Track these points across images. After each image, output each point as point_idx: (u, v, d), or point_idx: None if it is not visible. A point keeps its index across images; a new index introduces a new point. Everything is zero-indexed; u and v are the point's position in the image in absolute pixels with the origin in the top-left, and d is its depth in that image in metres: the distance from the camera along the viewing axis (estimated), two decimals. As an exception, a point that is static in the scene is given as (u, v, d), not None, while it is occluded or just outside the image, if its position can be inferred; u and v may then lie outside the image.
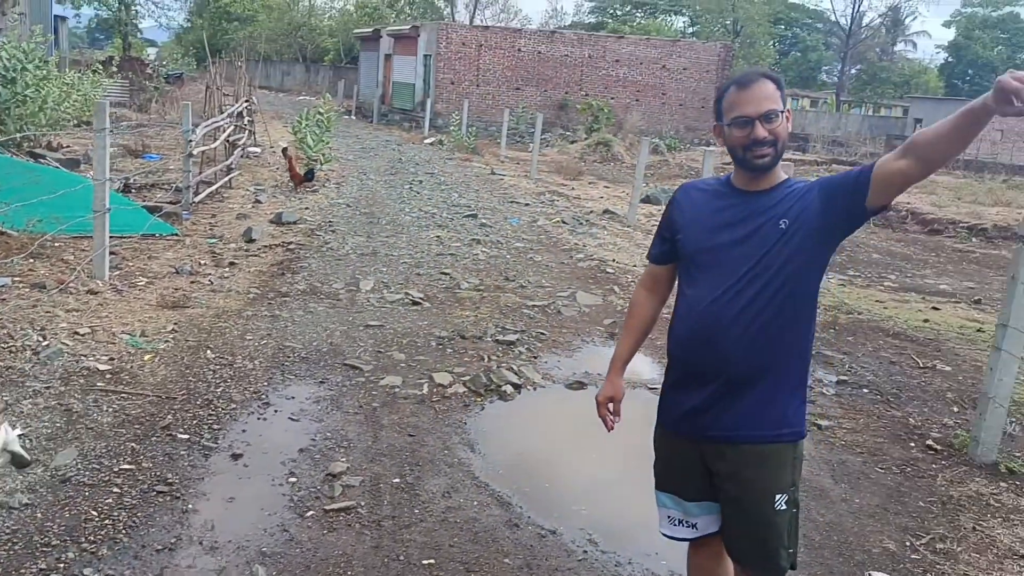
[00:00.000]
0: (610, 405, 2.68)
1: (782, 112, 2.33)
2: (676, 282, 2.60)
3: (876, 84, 59.77)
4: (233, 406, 4.77)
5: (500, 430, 4.85)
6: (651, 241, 2.69)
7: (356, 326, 6.38)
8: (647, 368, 6.02)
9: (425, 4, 61.96)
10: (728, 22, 50.54)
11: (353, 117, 34.71)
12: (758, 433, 2.39)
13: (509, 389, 5.33)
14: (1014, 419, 5.33)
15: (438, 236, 10.14)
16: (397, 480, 4.06)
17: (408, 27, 33.46)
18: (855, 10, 61.53)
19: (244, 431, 4.48)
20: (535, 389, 5.47)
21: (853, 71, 63.89)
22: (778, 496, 2.37)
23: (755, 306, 2.33)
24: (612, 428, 2.71)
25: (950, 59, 68.25)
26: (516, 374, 5.57)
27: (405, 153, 21.00)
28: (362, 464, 4.20)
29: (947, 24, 71.68)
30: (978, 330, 7.85)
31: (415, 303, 7.12)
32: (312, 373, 5.38)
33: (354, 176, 15.43)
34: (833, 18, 64.41)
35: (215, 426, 4.48)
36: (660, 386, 2.64)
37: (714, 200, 2.46)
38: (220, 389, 4.98)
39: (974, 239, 14.89)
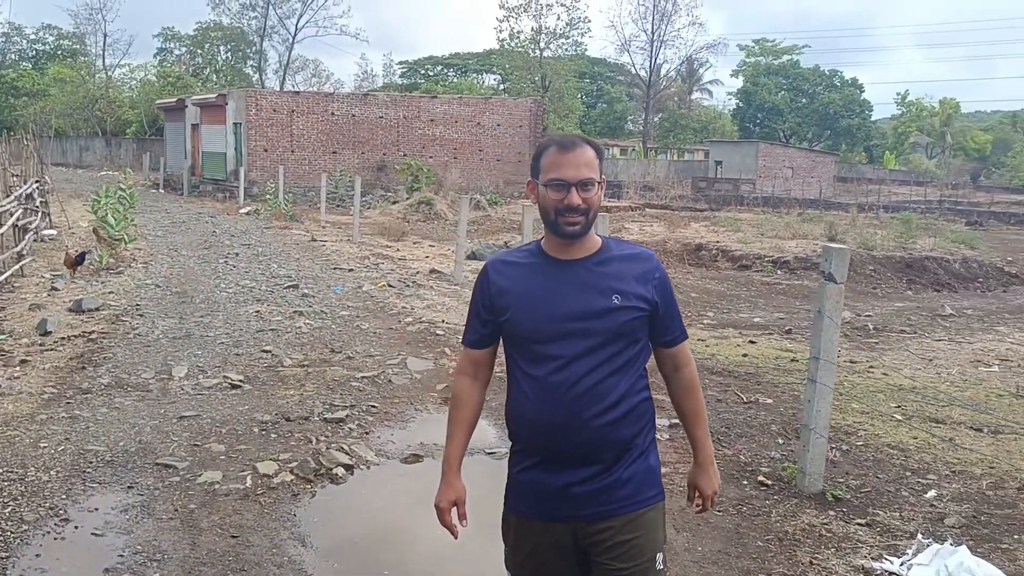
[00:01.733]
0: (454, 510, 2.48)
1: (598, 182, 2.29)
2: (506, 363, 2.44)
3: (678, 131, 63.63)
4: (24, 527, 4.21)
5: (334, 518, 4.54)
6: (465, 327, 2.52)
7: (169, 419, 5.88)
8: (483, 433, 5.87)
9: (232, 72, 60.76)
10: (537, 78, 52.36)
11: (162, 191, 33.10)
12: (641, 499, 2.34)
13: (341, 471, 5.03)
14: (834, 445, 5.57)
15: (257, 311, 9.66)
16: (220, 591, 3.68)
17: (215, 96, 32.53)
18: (652, 63, 65.39)
19: (38, 555, 3.95)
20: (369, 468, 5.20)
21: (656, 119, 67.75)
22: (658, 556, 2.36)
23: (611, 379, 2.27)
24: (458, 536, 2.52)
25: (741, 104, 73.81)
26: (347, 454, 5.28)
27: (220, 225, 20.15)
28: (179, 577, 3.78)
29: (735, 73, 77.65)
30: (792, 360, 8.24)
31: (234, 386, 6.67)
32: (119, 478, 4.87)
33: (163, 254, 14.58)
34: (634, 71, 68.13)
35: (1, 554, 3.93)
36: (507, 465, 2.46)
37: (534, 273, 2.35)
38: (9, 509, 4.39)
39: (778, 271, 15.86)
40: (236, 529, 4.28)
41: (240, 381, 6.81)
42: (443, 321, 9.50)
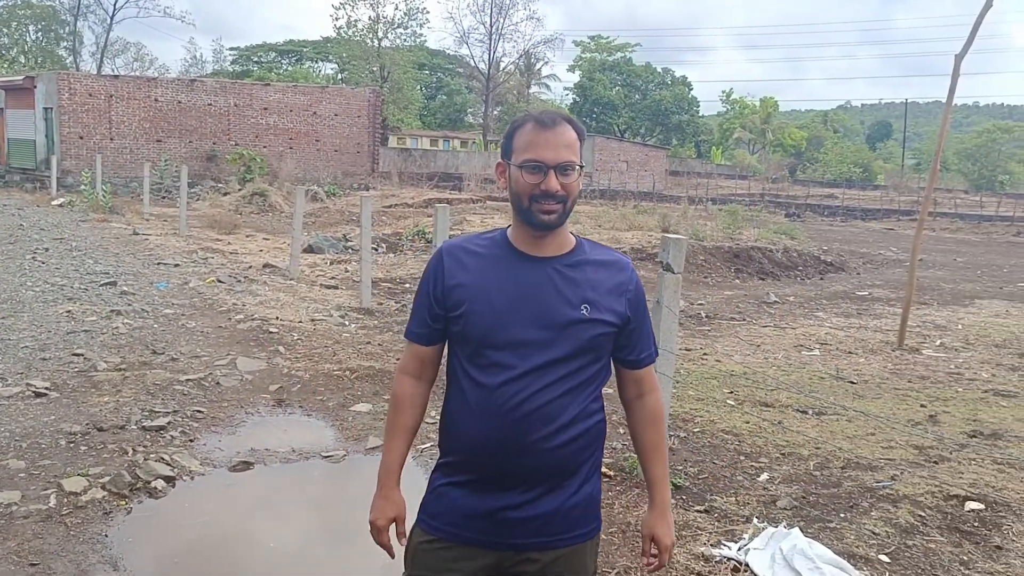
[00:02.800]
0: (393, 527, 2.18)
1: (579, 167, 2.04)
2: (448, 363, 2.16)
3: (517, 124, 64.30)
4: None
5: (152, 536, 4.15)
6: (411, 317, 2.19)
7: (-41, 434, 5.23)
8: (319, 434, 5.59)
9: (43, 52, 56.49)
10: (375, 68, 51.61)
11: (-38, 180, 30.23)
12: (579, 533, 2.10)
13: (160, 484, 4.61)
14: (673, 433, 5.65)
15: (69, 311, 8.86)
16: (15, 628, 3.25)
17: (22, 78, 30.02)
18: (491, 56, 65.86)
19: None
20: (192, 479, 4.80)
21: (496, 112, 68.31)
22: None
23: (566, 397, 2.01)
24: (394, 556, 2.21)
25: (578, 99, 75.62)
26: (169, 464, 4.85)
27: (28, 218, 18.55)
28: (-34, 616, 3.32)
29: (571, 69, 79.54)
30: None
31: (39, 395, 6.03)
32: None
33: (-39, 249, 13.22)
34: (473, 63, 68.41)
35: None
36: (429, 480, 2.17)
37: (496, 267, 2.06)
38: None
39: (615, 261, 16.24)
40: (36, 556, 3.81)
41: (46, 388, 6.17)
42: (277, 318, 9.05)
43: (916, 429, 6.07)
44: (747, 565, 3.75)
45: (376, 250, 15.23)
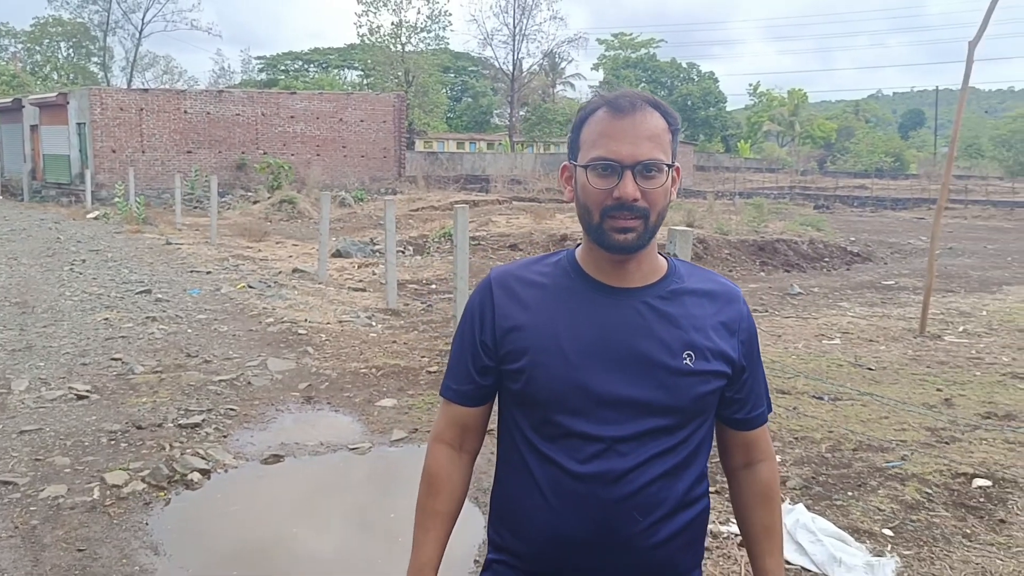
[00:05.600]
0: None
1: (670, 168, 1.54)
2: (505, 434, 1.69)
3: (543, 124, 64.59)
4: None
5: (189, 524, 4.40)
6: (448, 370, 1.71)
7: (7, 434, 5.53)
8: (341, 428, 5.82)
9: (75, 69, 57.60)
10: (400, 73, 52.04)
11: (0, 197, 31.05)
12: None
13: (196, 476, 4.87)
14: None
15: (106, 318, 9.20)
16: (65, 608, 3.50)
17: (55, 95, 30.74)
18: (515, 57, 66.09)
19: None
20: (227, 471, 5.05)
21: (521, 113, 68.53)
22: None
23: (669, 477, 1.56)
24: None
25: (602, 98, 75.52)
26: (204, 458, 5.11)
27: (65, 231, 19.06)
28: (19, 598, 3.58)
29: (595, 67, 79.58)
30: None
31: (80, 397, 6.34)
32: (-49, 499, 4.55)
33: (1, 263, 13.67)
34: (497, 65, 68.72)
35: None
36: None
37: (567, 302, 1.58)
38: None
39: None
40: (83, 542, 4.07)
41: (87, 391, 6.47)
42: (305, 320, 9.32)
43: (930, 412, 6.17)
44: (753, 540, 3.90)
45: (403, 253, 15.50)
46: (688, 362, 1.54)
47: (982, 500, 4.46)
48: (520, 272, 1.64)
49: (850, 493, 4.55)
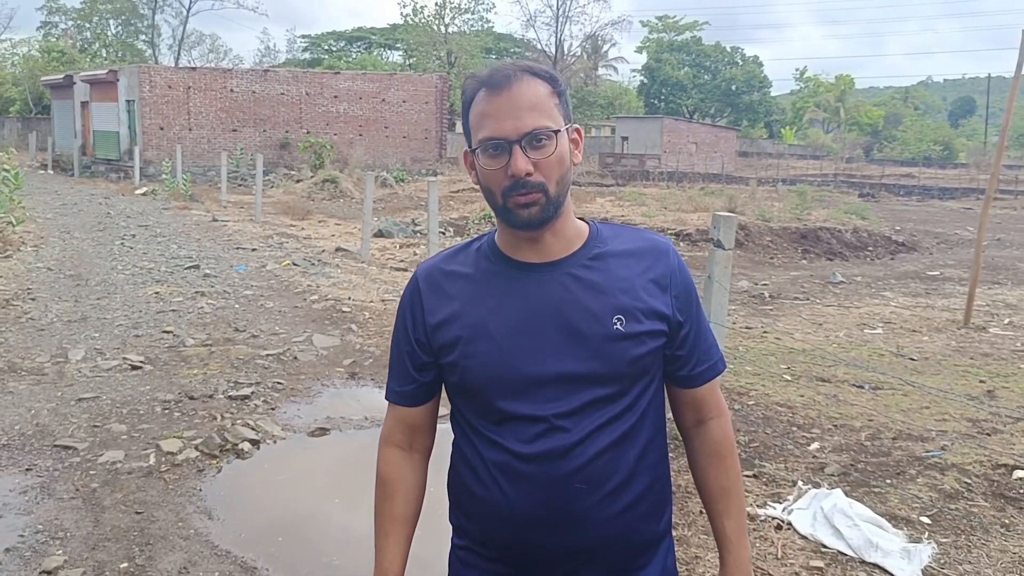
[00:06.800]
0: None
1: (556, 132, 1.48)
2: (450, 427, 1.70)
3: (585, 107, 64.30)
4: (-85, 515, 4.10)
5: (240, 491, 4.56)
6: (390, 372, 1.72)
7: (66, 401, 5.75)
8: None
9: (123, 46, 58.46)
10: (442, 54, 52.07)
11: (51, 171, 31.73)
12: None
13: (247, 446, 5.03)
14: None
15: (157, 292, 9.45)
16: (125, 564, 3.67)
17: (105, 72, 31.28)
18: (558, 39, 65.80)
19: (-69, 542, 3.86)
20: (275, 442, 5.21)
21: (563, 95, 68.11)
22: None
23: (620, 445, 1.53)
24: None
25: (645, 80, 75.10)
26: (253, 429, 5.28)
27: (115, 206, 19.49)
28: (82, 554, 3.76)
29: (639, 50, 78.98)
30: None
31: (135, 368, 6.55)
32: (16, 461, 4.76)
33: (55, 236, 14.06)
34: (540, 47, 68.44)
35: None
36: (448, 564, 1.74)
37: (490, 287, 1.56)
38: None
39: (681, 243, 16.32)
40: (140, 505, 4.25)
41: (141, 362, 6.69)
42: (349, 298, 9.49)
43: (971, 402, 6.15)
44: (790, 524, 3.96)
45: (443, 234, 15.62)
46: (619, 326, 1.50)
47: (1022, 491, 4.47)
48: (443, 264, 1.63)
49: (888, 481, 4.58)
